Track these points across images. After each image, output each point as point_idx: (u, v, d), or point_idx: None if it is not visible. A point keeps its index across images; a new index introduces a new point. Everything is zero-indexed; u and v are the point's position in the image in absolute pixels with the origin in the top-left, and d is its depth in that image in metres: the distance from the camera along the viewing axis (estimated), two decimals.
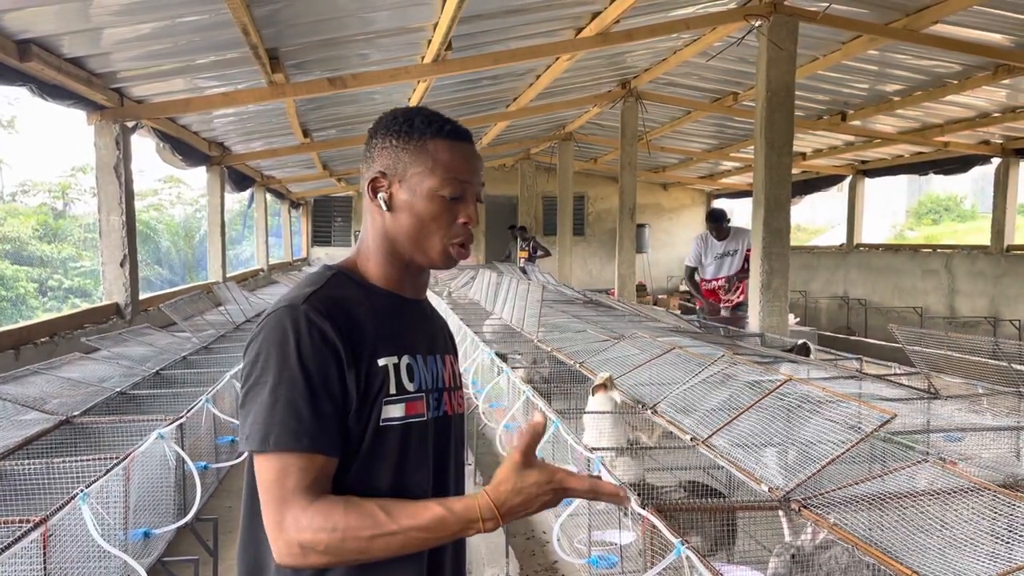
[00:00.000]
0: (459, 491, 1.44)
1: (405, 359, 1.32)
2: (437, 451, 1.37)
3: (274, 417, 1.19)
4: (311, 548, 1.15)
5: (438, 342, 1.44)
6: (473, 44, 7.23)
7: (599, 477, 1.25)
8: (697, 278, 7.68)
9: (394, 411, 1.28)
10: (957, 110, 9.81)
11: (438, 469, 1.37)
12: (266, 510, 1.18)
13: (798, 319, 11.89)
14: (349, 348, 1.24)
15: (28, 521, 2.15)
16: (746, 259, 7.32)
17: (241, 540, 1.32)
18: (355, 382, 1.24)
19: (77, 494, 2.33)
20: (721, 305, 7.47)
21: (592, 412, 3.43)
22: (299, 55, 6.45)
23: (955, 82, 8.54)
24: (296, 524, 1.16)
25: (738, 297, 7.40)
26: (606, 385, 3.48)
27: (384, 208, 1.33)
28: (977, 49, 7.32)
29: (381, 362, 1.28)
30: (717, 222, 7.48)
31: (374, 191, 1.35)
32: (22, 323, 5.77)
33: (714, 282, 7.53)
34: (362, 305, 1.31)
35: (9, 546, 1.99)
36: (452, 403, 1.42)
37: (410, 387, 1.31)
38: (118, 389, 4.01)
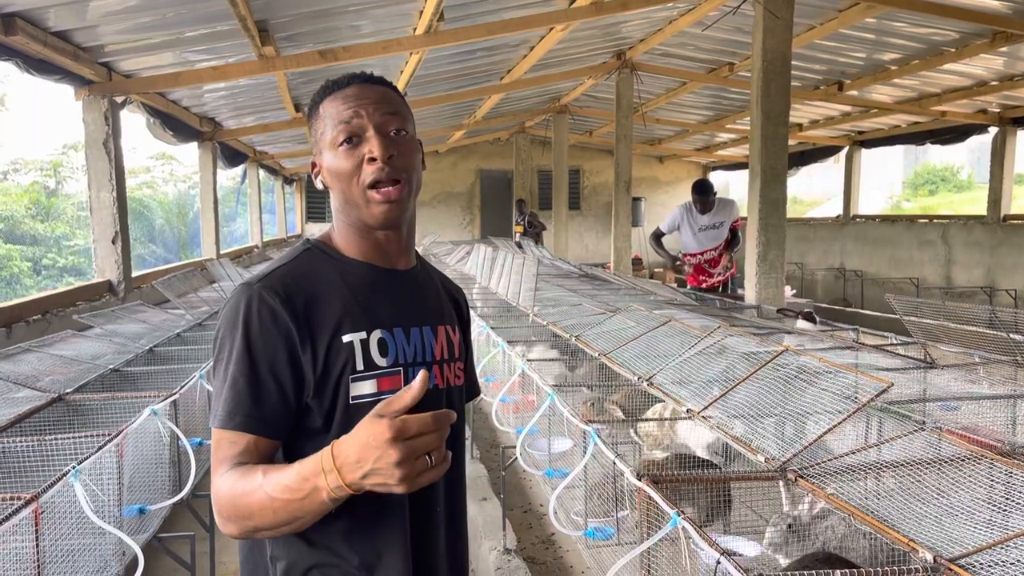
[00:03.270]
0: (458, 466, 1.41)
1: (377, 333, 1.29)
2: None
3: (221, 395, 1.22)
4: (220, 514, 1.18)
5: (430, 313, 1.39)
6: (466, 15, 7.14)
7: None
8: (679, 253, 7.31)
9: (364, 388, 1.26)
10: (954, 79, 9.74)
11: None
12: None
13: (794, 291, 11.89)
14: (305, 327, 1.24)
15: (19, 498, 2.13)
16: (732, 232, 7.09)
17: None
18: (312, 362, 1.23)
19: (69, 471, 2.31)
20: (707, 282, 7.14)
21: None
22: (289, 27, 6.35)
23: (952, 50, 8.47)
24: (214, 492, 1.18)
25: (722, 276, 7.12)
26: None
27: (323, 187, 1.34)
28: (975, 16, 7.25)
29: (346, 339, 1.26)
30: (705, 195, 7.07)
31: (315, 176, 1.36)
32: (14, 301, 5.73)
33: (699, 256, 7.17)
34: (331, 281, 1.30)
35: (0, 523, 1.97)
36: (444, 376, 1.38)
37: (382, 362, 1.28)
38: (111, 366, 3.98)
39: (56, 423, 3.17)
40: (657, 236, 7.45)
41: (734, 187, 26.68)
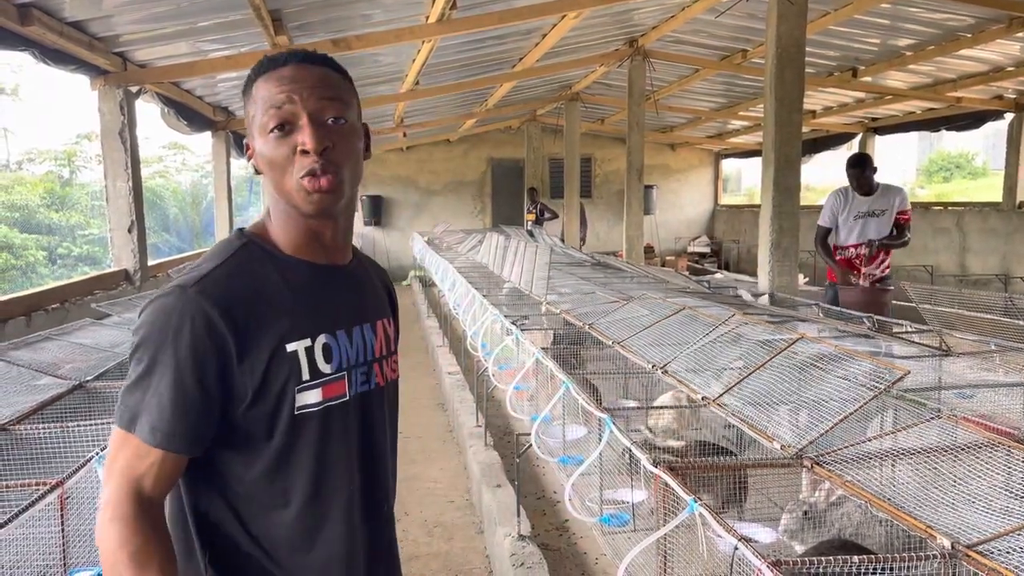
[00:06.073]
0: (393, 458, 1.43)
1: (321, 339, 1.24)
2: (365, 427, 1.33)
3: (142, 403, 1.15)
4: (99, 537, 1.13)
5: (368, 309, 1.37)
6: (478, 2, 7.12)
7: None
8: (831, 242, 6.10)
9: (310, 397, 1.23)
10: (970, 64, 9.65)
11: (367, 444, 1.33)
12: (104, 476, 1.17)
13: (807, 279, 11.85)
14: (244, 337, 1.16)
15: (44, 484, 2.17)
16: (898, 225, 5.95)
17: (169, 512, 1.27)
18: (250, 373, 1.18)
19: (93, 457, 2.35)
20: (861, 280, 5.98)
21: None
22: (302, 16, 6.36)
23: (968, 35, 8.39)
24: (105, 508, 1.14)
25: (881, 271, 5.95)
26: None
27: (255, 171, 1.27)
28: (991, 1, 7.18)
29: (290, 348, 1.20)
30: (862, 168, 5.89)
31: (248, 160, 1.29)
32: (33, 289, 5.80)
33: (852, 249, 5.98)
34: (272, 283, 1.23)
35: (26, 508, 2.01)
36: (384, 372, 1.37)
37: (327, 369, 1.25)
38: None
39: (77, 410, 3.21)
40: (824, 236, 6.14)
41: (747, 175, 26.57)
